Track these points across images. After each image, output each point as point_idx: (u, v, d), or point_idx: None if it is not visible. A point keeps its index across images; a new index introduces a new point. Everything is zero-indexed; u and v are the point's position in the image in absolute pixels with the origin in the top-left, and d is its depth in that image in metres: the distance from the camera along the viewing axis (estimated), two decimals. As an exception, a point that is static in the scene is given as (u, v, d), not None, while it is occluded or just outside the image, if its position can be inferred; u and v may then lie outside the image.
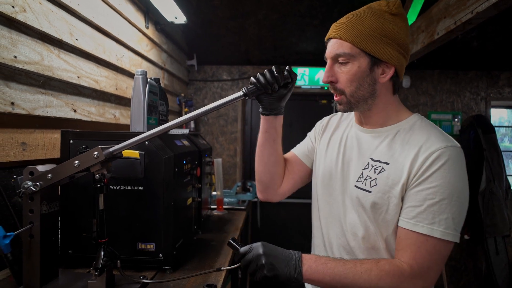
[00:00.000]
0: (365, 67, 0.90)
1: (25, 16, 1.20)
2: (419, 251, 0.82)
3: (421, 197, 0.84)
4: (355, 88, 0.92)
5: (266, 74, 0.94)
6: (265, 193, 1.18)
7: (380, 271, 0.83)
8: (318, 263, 0.86)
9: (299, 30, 3.18)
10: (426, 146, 0.86)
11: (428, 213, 0.82)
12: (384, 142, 0.94)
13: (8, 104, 1.16)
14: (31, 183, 0.93)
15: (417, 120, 0.95)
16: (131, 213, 1.14)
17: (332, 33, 0.94)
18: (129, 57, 2.11)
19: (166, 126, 0.94)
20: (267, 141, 1.10)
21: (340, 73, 0.93)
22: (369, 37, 0.88)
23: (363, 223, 0.94)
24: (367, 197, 0.92)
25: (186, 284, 1.06)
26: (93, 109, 1.72)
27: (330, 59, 0.95)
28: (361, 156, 0.98)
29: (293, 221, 3.84)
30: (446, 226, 0.81)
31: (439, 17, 2.08)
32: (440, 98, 3.67)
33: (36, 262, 0.96)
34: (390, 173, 0.89)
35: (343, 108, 0.97)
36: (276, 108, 1.04)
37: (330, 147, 1.09)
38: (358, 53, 0.90)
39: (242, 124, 3.83)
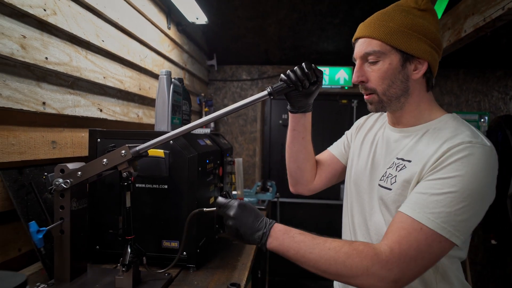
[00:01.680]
0: (396, 63, 0.88)
1: (55, 18, 1.24)
2: (407, 237, 0.75)
3: (428, 185, 0.79)
4: (387, 86, 0.90)
5: (296, 71, 0.94)
6: (296, 187, 1.22)
7: (351, 249, 0.77)
8: (285, 236, 0.83)
9: (320, 29, 3.15)
10: (451, 141, 0.81)
11: (429, 202, 0.76)
12: (411, 141, 0.92)
13: (40, 104, 1.20)
14: (62, 180, 0.96)
15: (449, 119, 0.90)
16: (155, 211, 1.16)
17: (360, 33, 0.93)
18: (152, 58, 2.14)
19: (192, 126, 0.95)
20: (296, 139, 1.12)
21: (370, 72, 0.91)
22: (399, 33, 0.86)
23: (387, 224, 0.90)
24: (388, 195, 0.90)
25: (209, 282, 1.07)
26: (118, 109, 1.76)
27: (359, 58, 0.93)
28: (388, 156, 0.97)
29: (312, 221, 3.82)
30: (445, 221, 0.74)
31: (467, 14, 2.01)
32: (465, 98, 3.55)
33: (67, 257, 0.99)
34: (409, 169, 0.86)
35: (374, 108, 0.95)
36: (305, 105, 1.04)
37: (363, 147, 1.09)
38: (388, 50, 0.88)
39: (261, 124, 3.83)
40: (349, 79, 3.59)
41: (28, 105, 1.15)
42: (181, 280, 1.08)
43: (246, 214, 0.86)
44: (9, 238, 1.11)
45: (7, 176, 1.07)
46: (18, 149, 1.13)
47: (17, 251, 1.14)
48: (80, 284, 0.99)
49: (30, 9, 1.11)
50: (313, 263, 0.79)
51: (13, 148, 1.11)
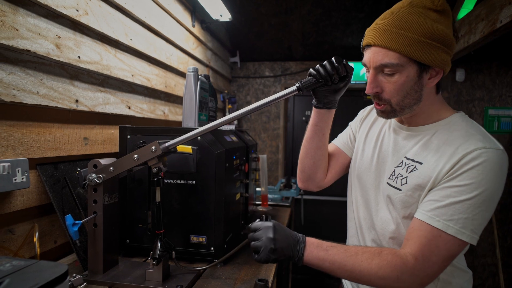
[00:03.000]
0: (413, 75, 0.85)
1: (87, 18, 1.27)
2: (428, 245, 0.80)
3: (445, 193, 0.81)
4: (402, 97, 0.88)
5: (326, 66, 0.92)
6: (307, 183, 1.20)
7: (381, 260, 0.82)
8: (319, 249, 0.87)
9: (344, 24, 3.09)
10: (464, 147, 0.82)
11: (447, 209, 0.80)
12: (420, 142, 0.92)
13: (73, 102, 1.24)
14: (95, 175, 0.99)
15: (458, 119, 0.90)
16: (184, 206, 1.18)
17: (374, 40, 0.86)
18: (177, 56, 2.17)
19: (219, 122, 0.96)
20: (316, 135, 1.10)
21: (385, 83, 0.88)
22: (418, 43, 0.82)
23: (394, 220, 0.94)
24: (397, 195, 0.91)
25: (237, 277, 1.07)
26: (145, 106, 1.80)
27: (373, 69, 0.88)
28: (396, 154, 0.97)
29: (336, 219, 3.77)
30: (463, 226, 0.79)
31: (503, 3, 1.91)
32: (499, 92, 3.39)
33: (100, 250, 1.02)
34: (421, 172, 0.87)
35: (386, 116, 0.94)
36: (331, 101, 1.03)
37: (367, 141, 1.09)
38: (406, 62, 0.84)
39: (285, 121, 3.81)
40: (374, 75, 3.51)
41: (63, 103, 1.19)
42: (208, 275, 1.09)
43: (282, 232, 0.89)
44: (46, 230, 1.16)
45: (44, 171, 1.11)
46: (53, 145, 1.17)
47: (53, 243, 1.19)
48: (113, 276, 1.02)
49: (64, 9, 1.15)
50: (347, 274, 0.85)
51: (49, 144, 1.15)
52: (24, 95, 1.04)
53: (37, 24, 1.07)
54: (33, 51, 1.04)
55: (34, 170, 1.09)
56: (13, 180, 0.99)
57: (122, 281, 0.99)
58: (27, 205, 1.07)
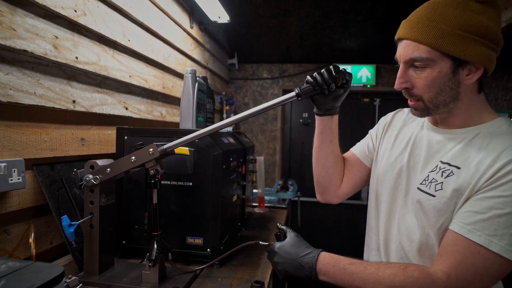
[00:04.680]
0: (447, 70, 0.79)
1: (85, 19, 1.27)
2: (464, 261, 0.72)
3: (487, 204, 0.73)
4: (434, 94, 0.82)
5: (323, 74, 0.90)
6: (324, 195, 1.16)
7: (406, 277, 0.75)
8: (336, 268, 0.82)
9: (342, 26, 3.10)
10: (508, 152, 0.74)
11: (491, 223, 0.71)
12: (459, 145, 0.84)
13: (70, 102, 1.24)
14: (92, 176, 0.99)
15: (503, 124, 0.82)
16: (180, 208, 1.18)
17: (405, 33, 0.82)
18: (175, 57, 2.18)
19: (217, 126, 0.96)
20: (324, 143, 1.07)
21: (416, 78, 0.83)
22: (452, 36, 0.76)
23: (421, 229, 0.86)
24: (429, 202, 0.84)
25: (233, 279, 1.07)
26: (143, 107, 1.80)
27: (403, 63, 0.84)
28: (430, 158, 0.89)
29: (333, 222, 3.78)
30: (509, 243, 0.69)
31: (499, 8, 1.90)
32: (494, 96, 3.40)
33: (96, 251, 1.02)
34: (459, 178, 0.79)
35: (420, 114, 0.88)
36: (331, 108, 1.01)
37: (395, 146, 1.02)
38: (438, 56, 0.78)
39: (282, 123, 3.82)
40: (371, 77, 3.53)
41: (60, 103, 1.19)
42: (205, 277, 1.09)
43: (287, 255, 0.88)
44: (42, 231, 1.15)
45: (40, 172, 1.11)
46: (50, 146, 1.17)
47: (49, 244, 1.18)
48: (109, 278, 1.02)
49: (62, 10, 1.15)
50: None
51: (46, 145, 1.15)
52: (21, 95, 1.03)
53: (35, 25, 1.07)
54: (31, 52, 1.04)
55: (30, 171, 1.09)
56: (9, 180, 0.98)
57: (118, 283, 0.99)
58: (23, 206, 1.07)
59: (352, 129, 3.68)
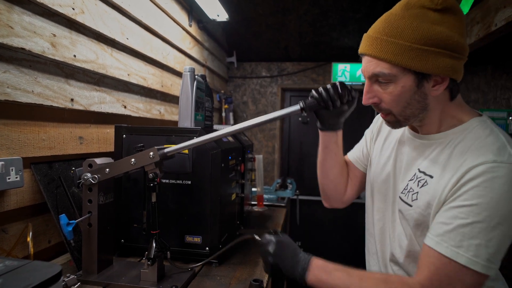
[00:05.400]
0: (410, 85, 0.78)
1: (83, 17, 1.27)
2: (438, 273, 0.72)
3: (451, 215, 0.72)
4: (402, 107, 0.81)
5: (329, 90, 0.90)
6: (330, 202, 1.17)
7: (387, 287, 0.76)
8: (322, 272, 0.83)
9: (341, 25, 3.10)
10: (472, 159, 0.73)
11: (455, 234, 0.71)
12: (434, 152, 0.84)
13: (68, 101, 1.24)
14: (90, 175, 0.99)
15: (477, 125, 0.80)
16: (179, 206, 1.18)
17: (365, 49, 0.81)
18: (174, 55, 2.17)
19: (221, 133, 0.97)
20: (329, 156, 1.07)
21: (382, 93, 0.82)
22: (411, 51, 0.74)
23: (408, 237, 0.87)
24: (408, 212, 0.85)
25: (232, 277, 1.07)
26: (141, 105, 1.79)
27: (367, 78, 0.83)
28: (410, 166, 0.90)
29: (330, 220, 3.78)
30: (476, 254, 0.69)
31: (498, 6, 1.93)
32: (493, 95, 3.42)
33: (94, 249, 1.01)
34: (431, 187, 0.80)
35: (392, 126, 0.89)
36: (335, 124, 1.00)
37: (383, 152, 1.02)
38: (400, 71, 0.76)
39: (281, 121, 3.82)
40: (370, 76, 3.52)
41: (58, 102, 1.18)
42: (203, 275, 1.09)
43: (284, 251, 0.88)
44: (40, 230, 1.15)
45: (38, 170, 1.11)
46: (48, 144, 1.16)
47: (47, 242, 1.18)
48: (107, 277, 1.02)
49: (60, 8, 1.15)
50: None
51: (44, 143, 1.15)
52: (19, 93, 1.03)
53: (33, 22, 1.06)
54: (28, 49, 1.04)
55: (28, 169, 1.08)
56: (7, 179, 0.98)
57: (116, 281, 0.99)
58: (21, 205, 1.07)
59: (351, 127, 3.66)
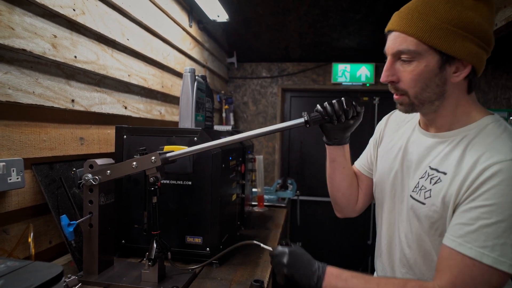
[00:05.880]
0: (434, 65, 0.77)
1: (84, 18, 1.27)
2: (461, 276, 0.70)
3: (473, 215, 0.71)
4: (420, 89, 0.80)
5: (334, 105, 0.90)
6: (343, 213, 1.17)
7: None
8: (338, 279, 0.83)
9: (341, 25, 3.10)
10: (487, 156, 0.72)
11: (479, 234, 0.69)
12: (446, 149, 0.82)
13: (69, 101, 1.24)
14: (91, 176, 0.99)
15: (490, 123, 0.79)
16: (180, 207, 1.18)
17: (394, 25, 0.81)
18: (174, 56, 2.17)
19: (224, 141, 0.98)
20: (337, 169, 1.07)
21: (402, 72, 0.81)
22: (440, 30, 0.74)
23: (416, 236, 0.87)
24: (421, 209, 0.84)
25: (233, 278, 1.08)
26: (142, 106, 1.79)
27: (390, 55, 0.82)
28: (420, 163, 0.88)
29: (331, 221, 3.78)
30: (502, 253, 0.68)
31: (498, 6, 1.93)
32: (494, 95, 3.42)
33: (95, 250, 1.02)
34: (445, 184, 0.78)
35: (404, 109, 0.87)
36: (341, 138, 1.00)
37: (390, 151, 1.01)
38: (425, 50, 0.76)
39: (281, 122, 3.82)
40: (370, 76, 3.52)
41: (59, 103, 1.19)
42: (204, 276, 1.09)
43: (298, 261, 0.87)
44: (41, 230, 1.15)
45: (39, 171, 1.11)
46: (49, 145, 1.17)
47: (48, 243, 1.18)
48: (108, 277, 1.02)
49: (61, 9, 1.15)
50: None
51: (45, 144, 1.15)
52: (20, 94, 1.03)
53: (34, 24, 1.06)
54: (29, 51, 1.04)
55: (29, 170, 1.09)
56: (8, 180, 0.98)
57: (117, 282, 0.99)
58: (22, 205, 1.07)
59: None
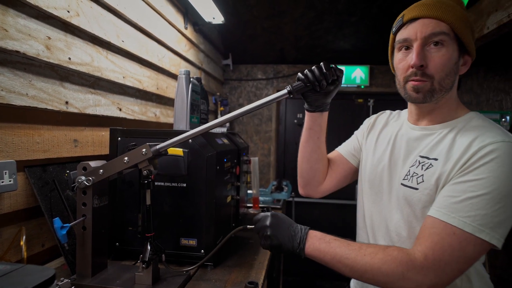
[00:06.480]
0: (455, 55, 0.86)
1: (78, 20, 1.27)
2: (441, 242, 0.75)
3: (460, 188, 0.77)
4: (445, 74, 0.85)
5: (314, 71, 0.92)
6: (306, 188, 1.20)
7: (386, 255, 0.78)
8: (321, 241, 0.86)
9: (336, 27, 3.12)
10: (480, 139, 0.79)
11: (464, 206, 0.75)
12: (435, 140, 0.90)
13: (63, 103, 1.23)
14: (84, 178, 0.98)
15: (474, 117, 0.89)
16: (174, 209, 1.18)
17: (424, 12, 0.85)
18: (169, 58, 2.17)
19: (210, 125, 0.96)
20: (311, 138, 1.11)
21: (432, 57, 0.85)
22: (463, 23, 0.84)
23: (407, 223, 0.91)
24: (414, 195, 0.88)
25: (228, 279, 1.07)
26: (136, 108, 1.79)
27: (420, 39, 0.85)
28: (409, 154, 0.94)
29: (327, 221, 3.79)
30: (482, 223, 0.73)
31: (490, 10, 1.96)
32: (486, 97, 3.46)
33: (88, 253, 1.01)
34: (438, 168, 0.84)
35: (422, 96, 0.87)
36: (322, 104, 1.04)
37: (378, 145, 1.07)
38: (452, 37, 0.84)
39: (276, 123, 3.83)
40: (365, 78, 3.55)
41: (52, 105, 1.18)
42: (199, 278, 1.09)
43: (280, 221, 0.90)
44: (34, 233, 1.14)
45: (32, 173, 1.10)
46: (42, 147, 1.16)
47: (41, 246, 1.17)
48: (101, 280, 1.01)
49: (55, 10, 1.14)
50: (349, 269, 0.81)
51: (38, 146, 1.14)
52: (13, 96, 1.02)
53: (27, 25, 1.06)
54: (23, 52, 1.04)
55: (22, 173, 1.08)
56: (0, 182, 0.97)
57: (111, 285, 0.98)
58: (15, 208, 1.06)
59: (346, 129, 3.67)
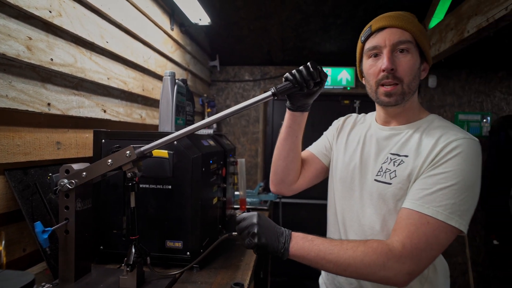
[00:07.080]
0: (417, 60, 0.96)
1: (61, 20, 1.25)
2: (417, 232, 0.81)
3: (432, 181, 0.85)
4: (412, 77, 0.95)
5: (302, 71, 0.94)
6: (279, 186, 1.22)
7: (367, 247, 0.83)
8: (304, 240, 0.89)
9: (322, 30, 3.15)
10: (445, 137, 0.89)
11: (436, 196, 0.83)
12: (403, 139, 0.98)
13: (45, 105, 1.21)
14: (67, 181, 0.97)
15: (435, 118, 1.00)
16: (159, 211, 1.17)
17: (390, 22, 0.95)
18: (155, 59, 2.15)
19: (195, 126, 0.96)
20: (290, 136, 1.13)
21: (400, 62, 0.94)
22: (422, 34, 0.95)
23: (380, 217, 0.96)
24: (387, 189, 0.94)
25: (213, 281, 1.07)
26: (122, 110, 1.77)
27: (389, 46, 0.94)
28: (380, 152, 1.01)
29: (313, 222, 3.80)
30: (452, 211, 0.81)
31: (470, 14, 2.01)
32: (468, 98, 3.55)
33: (71, 257, 0.99)
34: (409, 164, 0.92)
35: (394, 100, 0.96)
36: (304, 104, 1.06)
37: (348, 145, 1.13)
38: (415, 45, 0.95)
39: (264, 125, 3.84)
40: (351, 80, 3.59)
41: (34, 106, 1.16)
42: (184, 280, 1.09)
43: (266, 220, 0.92)
44: (14, 238, 1.12)
45: (12, 177, 1.08)
46: (23, 150, 1.13)
47: (22, 251, 1.15)
48: (85, 284, 1.00)
49: (36, 10, 1.12)
50: (333, 264, 0.85)
51: (19, 149, 1.12)
52: (-8, 98, 1.00)
53: (7, 25, 1.04)
54: (2, 53, 1.01)
55: (2, 176, 1.05)
56: (-21, 186, 0.95)
57: (94, 289, 0.97)
58: (-6, 212, 1.04)
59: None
